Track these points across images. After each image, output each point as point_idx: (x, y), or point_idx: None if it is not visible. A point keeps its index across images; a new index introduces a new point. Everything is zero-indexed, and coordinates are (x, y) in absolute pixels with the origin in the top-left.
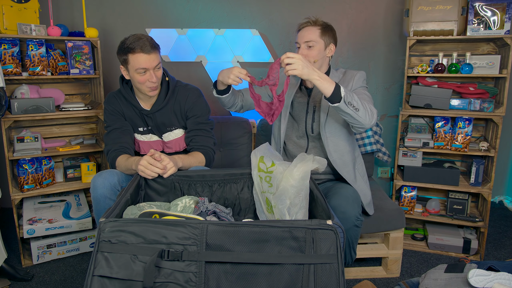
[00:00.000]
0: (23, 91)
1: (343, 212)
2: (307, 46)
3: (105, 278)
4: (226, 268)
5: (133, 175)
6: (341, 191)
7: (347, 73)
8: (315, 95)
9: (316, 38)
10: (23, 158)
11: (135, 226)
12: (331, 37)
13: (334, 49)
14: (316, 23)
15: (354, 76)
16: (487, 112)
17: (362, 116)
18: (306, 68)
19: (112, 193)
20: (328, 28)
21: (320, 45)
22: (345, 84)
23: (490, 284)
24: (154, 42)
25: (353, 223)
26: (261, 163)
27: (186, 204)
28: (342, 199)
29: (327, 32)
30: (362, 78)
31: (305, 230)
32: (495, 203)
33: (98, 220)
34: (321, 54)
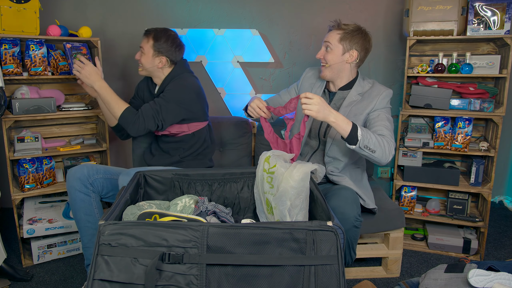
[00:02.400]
0: (23, 92)
1: (342, 213)
2: (325, 47)
3: (106, 282)
4: (227, 271)
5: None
6: (340, 192)
7: (374, 87)
8: (337, 100)
9: (334, 42)
10: (23, 158)
11: (135, 229)
12: (355, 43)
13: (356, 55)
14: (339, 27)
15: (380, 94)
16: (487, 112)
17: (378, 157)
18: (321, 111)
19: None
20: (354, 33)
21: (338, 49)
22: (369, 100)
23: (490, 284)
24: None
25: (352, 223)
26: (266, 162)
27: (186, 203)
28: (341, 200)
29: (350, 37)
30: (388, 98)
31: (306, 231)
32: (495, 203)
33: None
34: (337, 58)
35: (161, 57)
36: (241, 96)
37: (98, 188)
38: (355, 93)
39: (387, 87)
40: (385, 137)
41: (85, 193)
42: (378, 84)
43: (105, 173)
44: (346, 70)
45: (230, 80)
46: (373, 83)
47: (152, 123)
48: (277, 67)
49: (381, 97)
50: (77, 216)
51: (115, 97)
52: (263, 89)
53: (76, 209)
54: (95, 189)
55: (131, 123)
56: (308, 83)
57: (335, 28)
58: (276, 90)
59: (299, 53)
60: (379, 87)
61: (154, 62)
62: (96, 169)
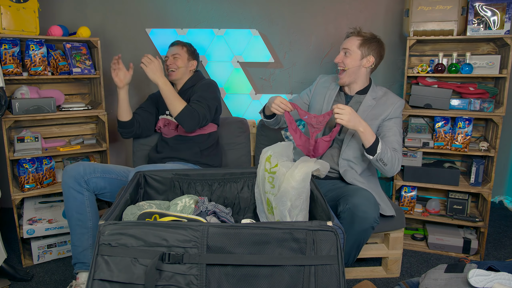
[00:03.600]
0: (23, 92)
1: (365, 211)
2: (344, 53)
3: (106, 282)
4: (227, 271)
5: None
6: (362, 192)
7: (388, 96)
8: (353, 104)
9: (353, 47)
10: (23, 158)
11: (135, 229)
12: (373, 50)
13: (373, 61)
14: (359, 34)
15: (394, 104)
16: (487, 112)
17: (387, 170)
18: (352, 120)
19: (75, 183)
20: (372, 41)
21: (356, 54)
22: (384, 107)
23: (490, 284)
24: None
25: (371, 224)
26: (267, 162)
27: (186, 203)
28: (364, 199)
29: (368, 44)
30: (401, 108)
31: (306, 231)
32: (495, 203)
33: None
34: (355, 63)
35: (193, 61)
36: (241, 96)
37: (93, 187)
38: (370, 97)
39: (400, 97)
40: (397, 153)
41: (78, 191)
42: (391, 93)
43: (103, 172)
44: (362, 74)
45: (230, 80)
46: (386, 91)
47: (204, 121)
48: (277, 67)
49: (396, 106)
50: (68, 213)
51: (176, 94)
52: (263, 89)
53: (68, 207)
54: (89, 187)
55: (189, 119)
56: (322, 87)
57: (355, 35)
58: (276, 90)
59: (299, 53)
60: (393, 96)
61: (188, 65)
62: (93, 167)
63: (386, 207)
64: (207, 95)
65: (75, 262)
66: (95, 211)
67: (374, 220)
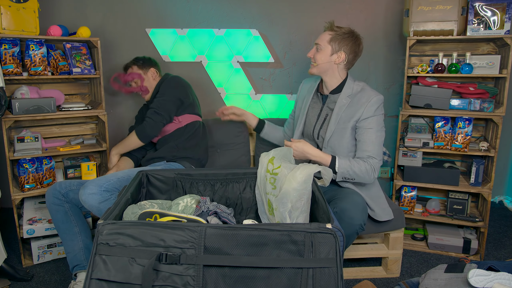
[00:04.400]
0: (23, 92)
1: (351, 217)
2: (316, 48)
3: (103, 281)
4: (224, 272)
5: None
6: (351, 196)
7: (364, 93)
8: (330, 104)
9: (323, 42)
10: (23, 158)
11: (133, 228)
12: (345, 45)
13: (343, 57)
14: (330, 28)
15: (368, 101)
16: (487, 112)
17: (359, 180)
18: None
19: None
20: (345, 36)
21: (327, 50)
22: (357, 106)
23: (490, 284)
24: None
25: (356, 230)
26: (270, 163)
27: (188, 203)
28: (352, 204)
29: (340, 39)
30: (376, 105)
31: (304, 233)
32: (495, 203)
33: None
34: (325, 58)
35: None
36: (241, 96)
37: (71, 199)
38: (344, 95)
39: (377, 93)
40: (370, 160)
41: (58, 204)
42: (368, 89)
43: (78, 185)
44: (334, 70)
45: (230, 80)
46: (363, 87)
47: (159, 118)
48: (277, 67)
49: (369, 104)
50: (56, 227)
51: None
52: (263, 89)
53: (55, 221)
54: (68, 199)
55: (143, 131)
56: (302, 95)
57: (328, 29)
58: (276, 90)
59: (299, 53)
60: (369, 92)
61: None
62: (69, 182)
63: (382, 212)
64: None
65: (72, 266)
66: (79, 216)
67: (359, 227)
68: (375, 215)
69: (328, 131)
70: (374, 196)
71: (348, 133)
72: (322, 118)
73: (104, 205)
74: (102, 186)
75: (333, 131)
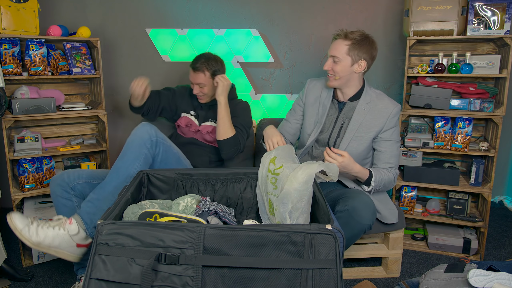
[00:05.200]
0: (23, 92)
1: (362, 216)
2: (333, 60)
3: (102, 281)
4: (223, 272)
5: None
6: (362, 196)
7: (382, 101)
8: (347, 111)
9: (342, 54)
10: (23, 158)
11: (132, 229)
12: (364, 52)
13: (365, 65)
14: (347, 37)
15: (390, 112)
16: (487, 112)
17: (383, 189)
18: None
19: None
20: (362, 42)
21: (346, 61)
22: (378, 116)
23: (490, 284)
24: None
25: (364, 229)
26: (272, 163)
27: (188, 203)
28: (363, 204)
29: (358, 47)
30: (397, 117)
31: (304, 234)
32: (495, 203)
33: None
34: (346, 70)
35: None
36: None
37: (79, 193)
38: (363, 103)
39: (396, 102)
40: (392, 170)
41: (66, 198)
42: (385, 97)
43: (88, 178)
44: (355, 79)
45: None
46: (380, 95)
47: (241, 150)
48: (277, 67)
49: (391, 116)
50: None
51: (230, 119)
52: (263, 89)
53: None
54: (76, 193)
55: (232, 148)
56: (314, 97)
57: (341, 38)
58: (276, 90)
59: (299, 53)
60: (389, 102)
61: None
62: (78, 174)
63: (389, 214)
64: (247, 123)
65: (77, 268)
66: None
67: (368, 227)
68: (382, 217)
69: (345, 139)
70: (381, 199)
71: (367, 142)
72: (338, 126)
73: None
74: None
75: (351, 139)
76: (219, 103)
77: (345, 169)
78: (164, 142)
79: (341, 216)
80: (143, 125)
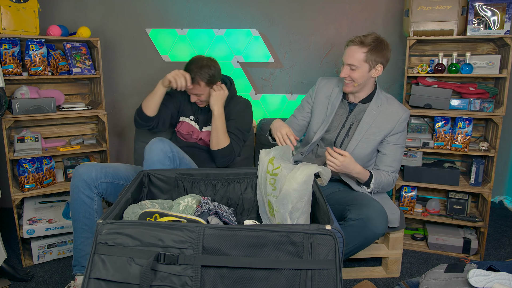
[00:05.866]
0: (23, 92)
1: (377, 226)
2: (350, 68)
3: (102, 280)
4: (222, 272)
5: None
6: (374, 204)
7: (392, 105)
8: (358, 113)
9: (359, 62)
10: (23, 158)
11: (132, 228)
12: (380, 57)
13: (381, 69)
14: (364, 44)
15: (400, 117)
16: (487, 112)
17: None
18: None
19: (86, 188)
20: (378, 47)
21: (364, 68)
22: (387, 120)
23: (490, 284)
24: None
25: (377, 237)
26: (270, 164)
27: (188, 203)
28: (378, 214)
29: (375, 53)
30: (406, 122)
31: (303, 235)
32: (495, 203)
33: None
34: (364, 76)
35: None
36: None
37: (102, 191)
38: (374, 106)
39: (405, 108)
40: (392, 173)
41: (88, 195)
42: (396, 101)
43: (113, 178)
44: (371, 83)
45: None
46: (390, 99)
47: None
48: (277, 67)
49: (400, 120)
50: (75, 216)
51: (225, 129)
52: (263, 89)
53: (76, 210)
54: (99, 191)
55: (226, 157)
56: (324, 96)
57: (357, 45)
58: (276, 90)
59: (299, 53)
60: (397, 107)
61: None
62: (105, 172)
63: (393, 218)
64: (245, 127)
65: (75, 264)
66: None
67: (381, 234)
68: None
69: (354, 140)
70: (385, 203)
71: (375, 145)
72: (347, 126)
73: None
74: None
75: (359, 140)
76: (213, 113)
77: (346, 169)
78: (178, 155)
79: (355, 224)
80: (155, 143)
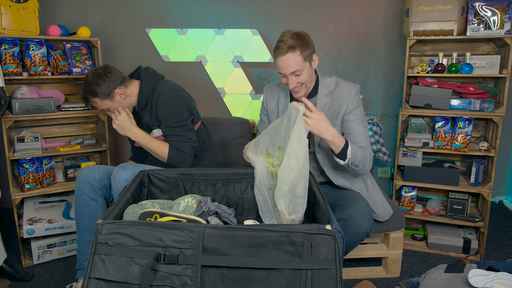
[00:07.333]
0: (23, 92)
1: (359, 225)
2: (295, 75)
3: (102, 280)
4: (222, 272)
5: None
6: (358, 203)
7: (340, 87)
8: None
9: (301, 64)
10: (23, 158)
11: (132, 228)
12: (310, 48)
13: (316, 58)
14: (293, 47)
15: (349, 93)
16: (487, 112)
17: (358, 171)
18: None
19: (90, 190)
20: (304, 42)
21: (307, 67)
22: (340, 103)
23: (490, 284)
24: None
25: (362, 237)
26: (270, 157)
27: (188, 203)
28: (360, 212)
29: (305, 48)
30: (357, 95)
31: (303, 235)
32: (495, 203)
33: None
34: (310, 74)
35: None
36: (241, 96)
37: (106, 192)
38: (322, 96)
39: (353, 83)
40: (366, 150)
41: (92, 197)
42: (343, 82)
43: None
44: (313, 77)
45: (230, 80)
46: (337, 81)
47: (191, 149)
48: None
49: (351, 97)
50: (79, 219)
51: (155, 142)
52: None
53: (80, 212)
54: (103, 193)
55: (179, 162)
56: (274, 104)
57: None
58: None
59: None
60: (346, 85)
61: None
62: (108, 174)
63: (382, 212)
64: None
65: (79, 268)
66: None
67: (365, 234)
68: (376, 216)
69: (317, 136)
70: (373, 197)
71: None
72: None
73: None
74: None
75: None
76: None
77: (321, 127)
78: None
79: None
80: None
